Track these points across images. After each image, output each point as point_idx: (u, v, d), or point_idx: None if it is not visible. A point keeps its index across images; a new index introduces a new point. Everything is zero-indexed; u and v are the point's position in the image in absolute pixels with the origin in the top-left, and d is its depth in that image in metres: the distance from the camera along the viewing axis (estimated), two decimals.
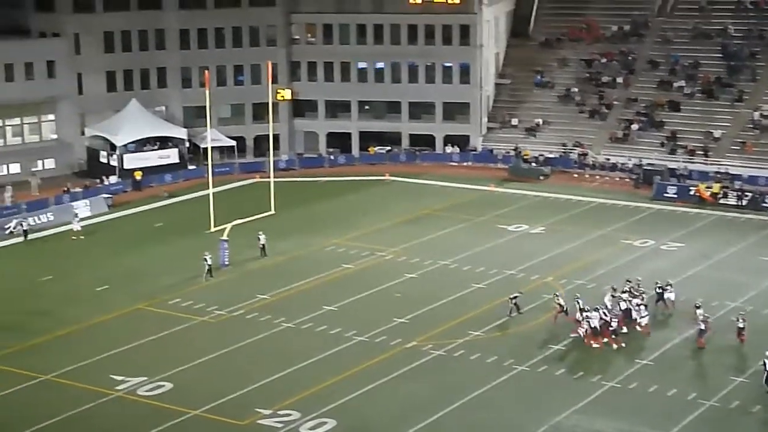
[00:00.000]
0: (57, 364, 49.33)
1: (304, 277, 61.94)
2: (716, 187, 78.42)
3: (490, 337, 52.64)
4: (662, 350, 50.47)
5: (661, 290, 55.59)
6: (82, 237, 70.33)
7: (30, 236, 70.77)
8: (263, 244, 65.63)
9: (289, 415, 44.00)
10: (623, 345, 50.70)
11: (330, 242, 68.96)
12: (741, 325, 51.05)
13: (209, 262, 61.69)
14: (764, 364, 46.27)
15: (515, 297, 55.05)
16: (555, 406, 44.65)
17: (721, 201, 77.60)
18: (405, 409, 44.70)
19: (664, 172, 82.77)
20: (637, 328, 52.28)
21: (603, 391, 46.29)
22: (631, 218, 74.82)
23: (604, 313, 51.51)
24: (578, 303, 52.46)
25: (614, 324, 51.43)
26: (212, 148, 74.11)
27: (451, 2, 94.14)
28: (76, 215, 72.13)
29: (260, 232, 65.74)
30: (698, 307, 52.46)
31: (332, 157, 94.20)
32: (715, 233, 70.75)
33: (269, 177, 71.13)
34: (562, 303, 53.91)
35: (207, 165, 68.32)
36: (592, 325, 50.99)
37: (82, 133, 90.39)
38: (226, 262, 63.77)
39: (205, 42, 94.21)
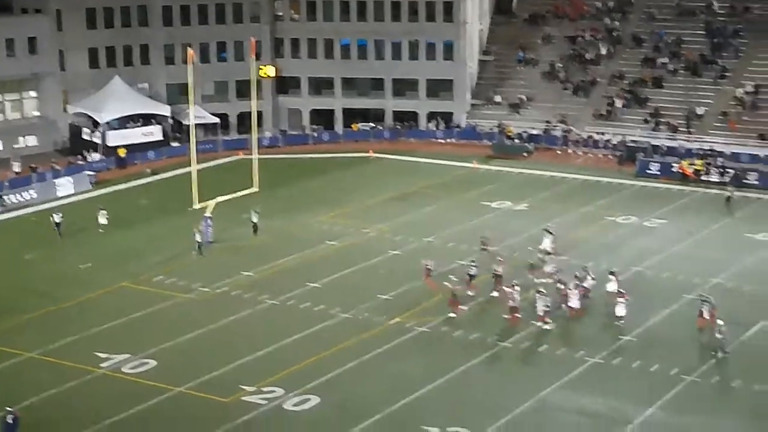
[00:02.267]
0: (41, 341, 49.26)
1: (289, 254, 61.94)
2: (699, 164, 78.66)
3: (473, 313, 52.75)
4: (645, 326, 50.69)
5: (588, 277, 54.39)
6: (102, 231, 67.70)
7: (13, 214, 70.49)
8: (255, 222, 65.45)
9: (273, 391, 44.07)
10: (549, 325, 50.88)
11: (314, 219, 68.96)
12: (703, 310, 50.08)
13: (198, 238, 61.60)
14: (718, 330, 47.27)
15: (497, 272, 55.30)
16: (539, 381, 44.82)
17: (704, 178, 77.87)
18: (389, 385, 44.80)
19: (648, 149, 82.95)
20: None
21: (587, 367, 46.49)
22: (614, 195, 75.01)
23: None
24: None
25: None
26: (196, 125, 74.00)
27: None
28: (102, 208, 68.20)
29: (253, 209, 65.54)
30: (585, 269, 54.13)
31: (316, 134, 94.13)
32: (699, 210, 71.00)
33: (253, 154, 71.04)
34: (473, 273, 55.03)
35: (190, 142, 68.15)
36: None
37: (65, 110, 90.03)
38: (210, 240, 63.69)
39: (188, 19, 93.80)
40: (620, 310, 50.33)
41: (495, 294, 54.25)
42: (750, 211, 71.06)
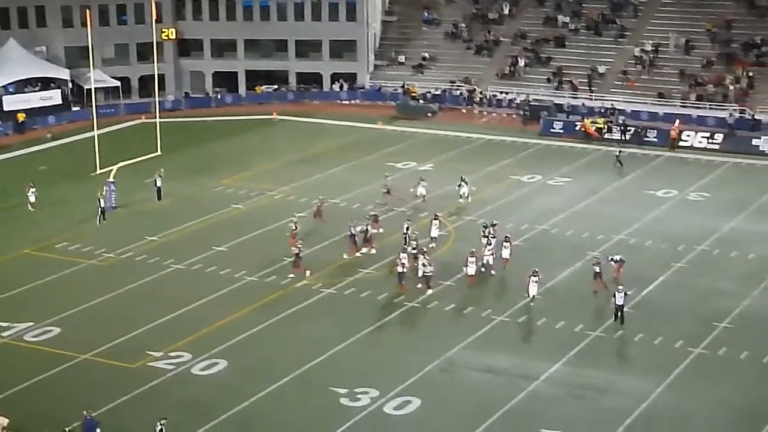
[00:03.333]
0: None
1: (193, 217, 61.45)
2: (601, 122, 79.58)
3: (380, 274, 52.88)
4: (550, 284, 51.27)
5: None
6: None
7: None
8: (159, 186, 64.60)
9: (181, 356, 43.81)
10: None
11: (219, 182, 68.46)
12: (597, 270, 50.46)
13: (101, 204, 60.72)
14: (614, 295, 47.35)
15: (408, 228, 55.61)
16: (446, 341, 45.15)
17: (606, 136, 78.79)
18: (296, 348, 44.79)
19: (551, 108, 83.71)
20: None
21: (493, 326, 46.94)
22: (519, 154, 75.62)
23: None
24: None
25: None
26: (96, 89, 72.94)
27: None
28: (31, 185, 64.46)
29: (157, 173, 64.65)
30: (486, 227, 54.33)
31: (219, 97, 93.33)
32: (602, 168, 71.89)
33: (155, 118, 70.15)
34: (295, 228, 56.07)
35: (91, 106, 67.12)
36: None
37: None
38: (114, 205, 62.89)
39: None
40: (533, 289, 49.45)
41: (365, 250, 55.29)
42: (650, 168, 72.20)
